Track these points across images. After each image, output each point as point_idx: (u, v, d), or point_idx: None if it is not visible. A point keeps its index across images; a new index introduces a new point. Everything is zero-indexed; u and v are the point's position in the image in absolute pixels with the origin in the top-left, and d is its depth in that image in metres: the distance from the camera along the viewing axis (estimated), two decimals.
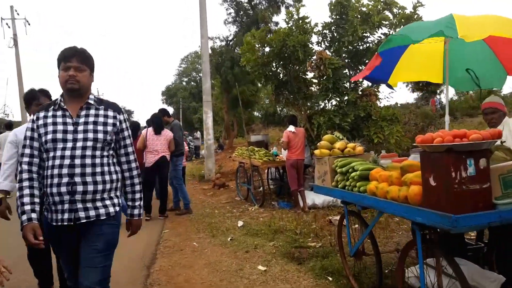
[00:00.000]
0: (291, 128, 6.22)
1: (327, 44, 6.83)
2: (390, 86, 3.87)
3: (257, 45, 6.89)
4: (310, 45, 6.59)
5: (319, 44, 6.90)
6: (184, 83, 47.42)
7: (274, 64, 7.14)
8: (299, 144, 6.19)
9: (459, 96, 25.95)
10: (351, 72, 6.67)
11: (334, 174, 3.12)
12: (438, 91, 30.26)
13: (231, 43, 17.09)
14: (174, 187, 6.60)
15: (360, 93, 6.50)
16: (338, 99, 6.10)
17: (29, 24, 19.56)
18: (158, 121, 6.06)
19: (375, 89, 6.66)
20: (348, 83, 6.55)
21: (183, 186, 6.54)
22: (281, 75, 7.35)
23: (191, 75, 47.08)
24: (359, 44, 6.55)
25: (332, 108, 6.43)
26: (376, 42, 6.52)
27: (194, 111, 39.37)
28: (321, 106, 7.15)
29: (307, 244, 4.28)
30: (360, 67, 6.92)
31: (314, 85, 7.08)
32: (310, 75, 7.44)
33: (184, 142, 6.99)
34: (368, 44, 6.58)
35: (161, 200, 6.18)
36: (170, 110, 49.37)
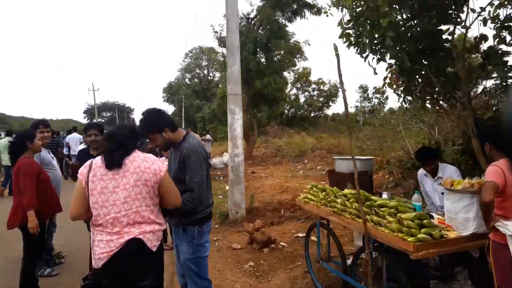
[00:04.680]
0: (503, 161, 2.32)
1: None
2: None
3: None
4: None
5: None
6: (187, 80, 44.66)
7: (403, 12, 3.18)
8: None
9: None
10: None
11: None
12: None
13: (253, 21, 13.14)
14: None
15: None
16: None
17: None
18: (120, 135, 2.11)
19: None
20: None
21: None
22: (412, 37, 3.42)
23: (195, 71, 44.40)
24: None
25: None
26: None
27: (197, 110, 36.67)
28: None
29: None
30: None
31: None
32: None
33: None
34: None
35: None
36: (171, 108, 45.24)
